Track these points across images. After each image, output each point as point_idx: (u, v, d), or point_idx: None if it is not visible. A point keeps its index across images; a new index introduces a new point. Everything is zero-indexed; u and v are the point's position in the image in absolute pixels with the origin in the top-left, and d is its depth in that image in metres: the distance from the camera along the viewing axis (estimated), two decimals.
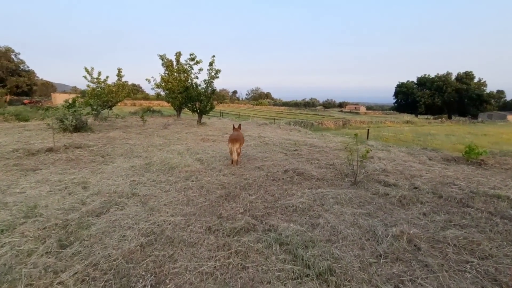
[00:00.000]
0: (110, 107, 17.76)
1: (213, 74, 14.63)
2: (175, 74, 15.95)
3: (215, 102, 15.37)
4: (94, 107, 16.81)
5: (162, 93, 17.00)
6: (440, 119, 49.28)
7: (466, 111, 73.98)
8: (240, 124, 7.53)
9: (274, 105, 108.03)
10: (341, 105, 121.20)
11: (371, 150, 5.50)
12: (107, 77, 17.44)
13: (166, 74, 16.47)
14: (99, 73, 17.32)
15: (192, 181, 5.32)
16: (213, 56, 14.39)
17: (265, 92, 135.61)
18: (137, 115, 20.90)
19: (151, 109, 26.23)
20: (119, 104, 19.40)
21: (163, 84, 16.12)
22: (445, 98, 74.60)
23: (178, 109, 18.57)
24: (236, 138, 6.56)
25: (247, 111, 55.15)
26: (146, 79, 17.37)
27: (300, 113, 59.33)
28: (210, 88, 14.56)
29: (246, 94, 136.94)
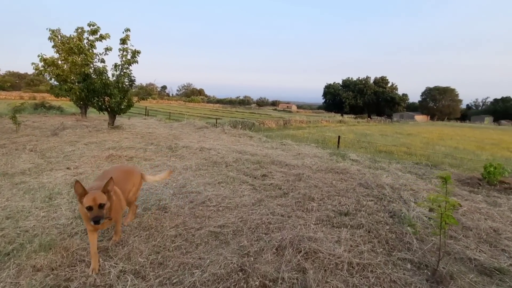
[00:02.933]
0: None
1: (128, 57, 10.27)
2: (72, 56, 10.95)
3: (135, 98, 11.15)
4: None
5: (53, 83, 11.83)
6: (366, 119, 53.16)
7: (382, 111, 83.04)
8: (111, 178, 2.43)
9: (208, 102, 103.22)
10: (274, 103, 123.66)
11: (460, 206, 3.02)
12: None
13: (58, 56, 11.36)
14: None
15: None
16: (127, 30, 10.12)
17: (198, 88, 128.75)
18: (21, 112, 14.76)
19: (47, 104, 19.61)
20: (12, 97, 13.14)
21: (48, 69, 11.01)
22: (365, 99, 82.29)
23: (83, 106, 13.56)
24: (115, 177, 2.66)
25: (179, 109, 49.82)
26: (32, 64, 11.91)
27: (236, 111, 56.82)
28: (125, 78, 10.32)
29: (177, 90, 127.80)
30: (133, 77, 10.38)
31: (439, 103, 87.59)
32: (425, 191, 4.78)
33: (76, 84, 10.59)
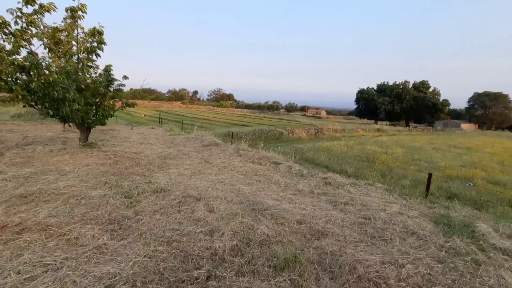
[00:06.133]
0: None
1: (89, 42, 6.82)
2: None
3: (117, 104, 8.00)
4: None
5: None
6: (406, 127, 47.19)
7: (422, 118, 75.15)
8: None
9: (236, 107, 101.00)
10: (303, 109, 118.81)
11: None
12: None
13: None
14: None
15: None
16: None
17: (228, 93, 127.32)
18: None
19: None
20: None
21: None
22: (404, 105, 75.00)
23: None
24: None
25: (206, 114, 47.59)
26: None
27: (265, 117, 53.44)
28: (90, 74, 7.02)
29: (208, 95, 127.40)
30: (112, 74, 7.26)
31: (489, 110, 77.29)
32: None
33: (16, 81, 6.61)
